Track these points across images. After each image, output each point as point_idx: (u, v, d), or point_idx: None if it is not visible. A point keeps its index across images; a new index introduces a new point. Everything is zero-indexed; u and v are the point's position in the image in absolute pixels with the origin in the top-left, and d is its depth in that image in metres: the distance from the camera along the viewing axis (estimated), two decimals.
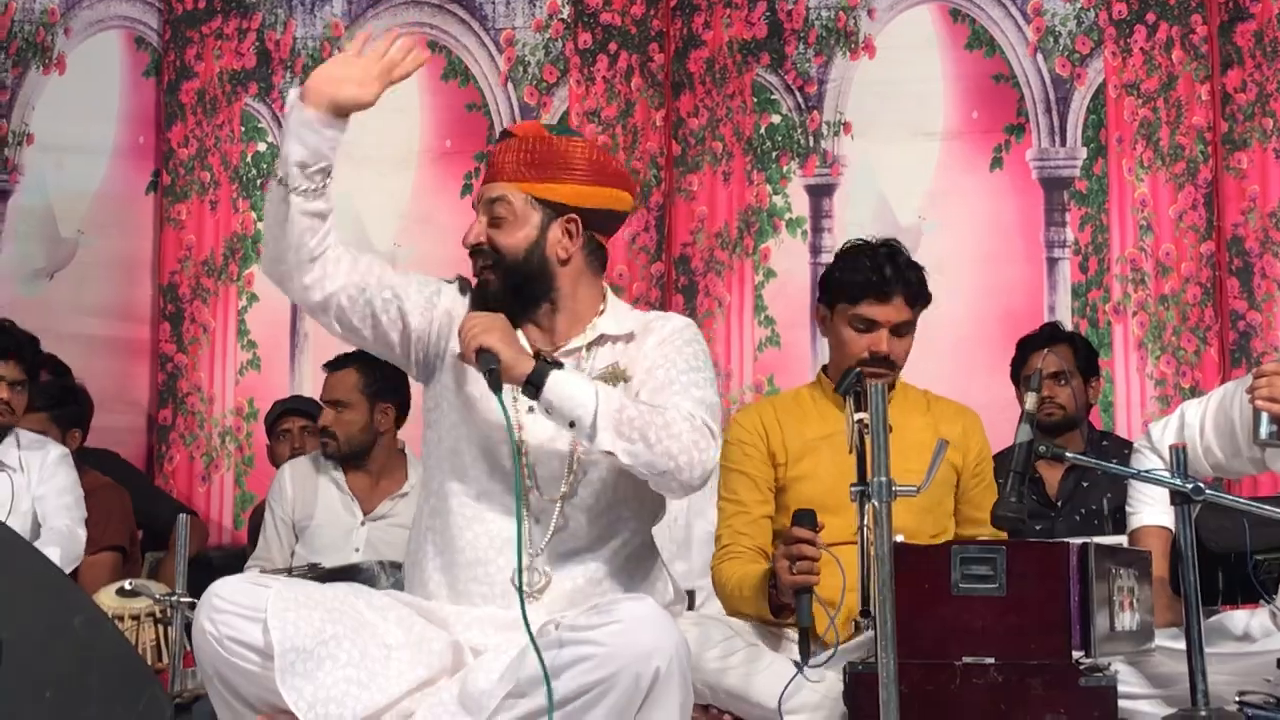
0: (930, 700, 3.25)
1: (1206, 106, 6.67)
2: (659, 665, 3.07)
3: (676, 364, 3.43)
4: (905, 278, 3.97)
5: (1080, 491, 5.52)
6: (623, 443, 3.25)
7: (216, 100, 7.42)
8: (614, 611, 3.11)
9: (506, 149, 3.49)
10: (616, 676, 3.05)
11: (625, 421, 3.25)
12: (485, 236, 3.45)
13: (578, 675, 3.06)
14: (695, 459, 3.29)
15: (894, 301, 3.97)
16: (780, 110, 7.03)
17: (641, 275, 6.99)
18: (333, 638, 3.19)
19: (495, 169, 3.49)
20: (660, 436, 3.27)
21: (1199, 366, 6.54)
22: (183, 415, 7.27)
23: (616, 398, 3.29)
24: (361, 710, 3.13)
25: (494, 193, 3.46)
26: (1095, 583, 3.28)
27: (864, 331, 3.99)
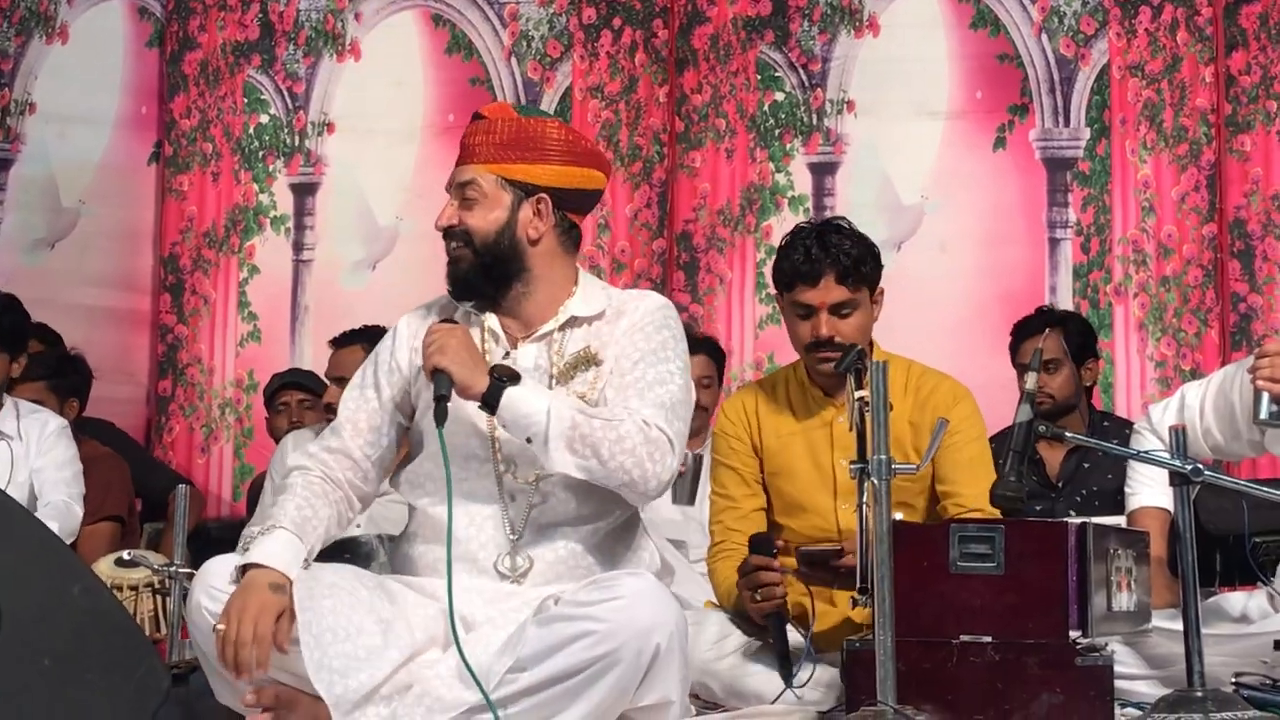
0: (927, 678, 3.25)
1: (1210, 88, 6.66)
2: (659, 641, 3.10)
3: (645, 356, 3.42)
4: (834, 256, 3.90)
5: (1081, 473, 5.52)
6: (575, 459, 3.26)
7: (219, 71, 7.40)
8: (615, 588, 3.13)
9: (476, 131, 3.49)
10: (619, 652, 3.07)
11: (578, 438, 3.26)
12: (457, 219, 3.45)
13: (579, 651, 3.07)
14: (649, 472, 3.29)
15: (823, 283, 3.90)
16: (784, 88, 7.02)
17: (643, 252, 6.98)
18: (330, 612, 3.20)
19: (466, 151, 3.49)
20: (614, 452, 3.27)
21: (1199, 348, 6.54)
22: (182, 386, 7.27)
23: (569, 413, 3.27)
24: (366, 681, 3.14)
25: (464, 175, 3.46)
26: (1093, 563, 3.28)
27: (804, 317, 3.95)
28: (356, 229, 7.28)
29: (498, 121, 3.49)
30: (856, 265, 3.93)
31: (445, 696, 3.15)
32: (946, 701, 3.24)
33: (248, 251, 7.31)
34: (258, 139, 7.38)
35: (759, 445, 4.08)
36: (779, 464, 4.04)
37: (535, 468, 3.38)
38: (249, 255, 7.31)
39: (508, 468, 3.42)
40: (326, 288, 7.26)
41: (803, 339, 3.96)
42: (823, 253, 3.90)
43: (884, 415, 3.08)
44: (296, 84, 7.39)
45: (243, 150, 7.37)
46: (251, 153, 7.37)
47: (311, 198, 7.33)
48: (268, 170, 7.36)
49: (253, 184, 7.34)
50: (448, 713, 3.13)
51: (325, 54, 7.38)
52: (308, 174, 7.34)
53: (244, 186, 7.35)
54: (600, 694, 3.10)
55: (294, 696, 3.15)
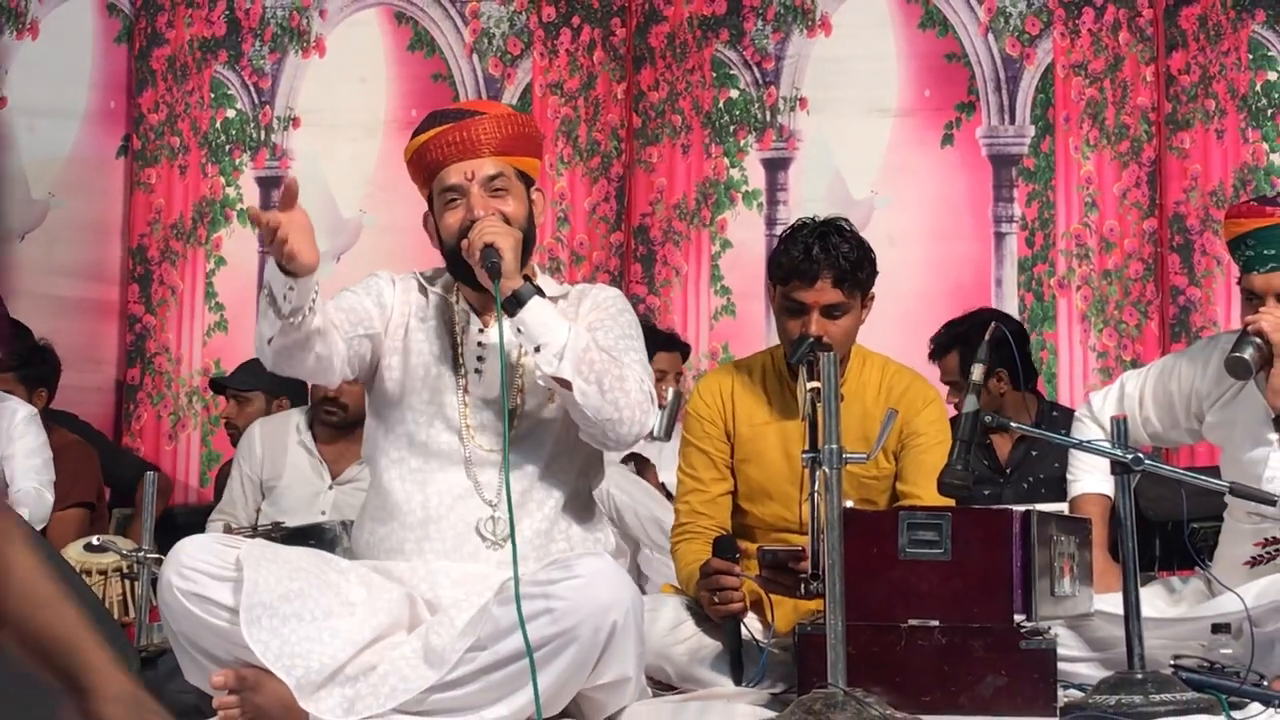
0: (876, 661, 3.26)
1: (1151, 87, 6.69)
2: (616, 619, 3.12)
3: (614, 330, 3.49)
4: (833, 260, 3.86)
5: (1029, 460, 5.55)
6: (580, 380, 3.30)
7: (187, 67, 7.36)
8: (574, 567, 3.15)
9: (480, 126, 3.49)
10: (577, 629, 3.09)
11: (587, 362, 3.31)
12: (495, 208, 3.45)
13: (539, 628, 3.09)
14: (635, 418, 3.36)
15: (819, 284, 3.86)
16: (738, 85, 7.02)
17: (601, 244, 6.98)
18: (298, 595, 3.20)
19: (474, 145, 3.48)
20: (613, 386, 3.33)
21: (1140, 340, 6.57)
22: (150, 375, 7.24)
23: (586, 338, 3.35)
24: (328, 662, 3.14)
25: (489, 167, 3.47)
26: (1038, 549, 3.30)
27: (795, 314, 3.93)
28: (321, 222, 7.19)
29: (503, 117, 3.55)
30: (854, 270, 3.89)
31: (409, 676, 3.16)
32: (895, 684, 3.25)
33: (215, 243, 7.28)
34: (224, 133, 7.35)
35: (731, 431, 4.06)
36: (749, 451, 4.03)
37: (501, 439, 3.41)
38: (216, 247, 7.28)
39: (475, 438, 3.44)
40: None
41: (790, 334, 3.92)
42: (823, 253, 3.86)
43: (835, 405, 3.08)
44: (262, 79, 7.35)
45: (210, 144, 7.34)
46: (218, 146, 7.34)
47: (277, 190, 7.27)
48: (234, 164, 7.33)
49: (219, 177, 7.31)
50: (410, 693, 3.14)
51: (291, 50, 7.34)
52: (273, 167, 7.31)
53: (211, 180, 7.31)
54: (558, 670, 3.11)
55: (260, 678, 3.14)
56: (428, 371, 3.50)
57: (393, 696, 3.14)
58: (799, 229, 3.96)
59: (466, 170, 3.46)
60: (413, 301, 3.58)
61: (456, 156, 3.48)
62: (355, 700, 3.15)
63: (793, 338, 3.88)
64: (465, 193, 3.45)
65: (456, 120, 3.52)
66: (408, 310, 3.56)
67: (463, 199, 3.46)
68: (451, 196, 3.47)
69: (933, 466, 3.80)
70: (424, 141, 3.51)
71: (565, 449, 3.51)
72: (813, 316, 3.87)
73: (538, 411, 3.48)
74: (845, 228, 3.96)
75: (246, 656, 3.15)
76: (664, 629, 3.80)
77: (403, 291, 3.58)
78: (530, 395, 3.48)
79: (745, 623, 3.74)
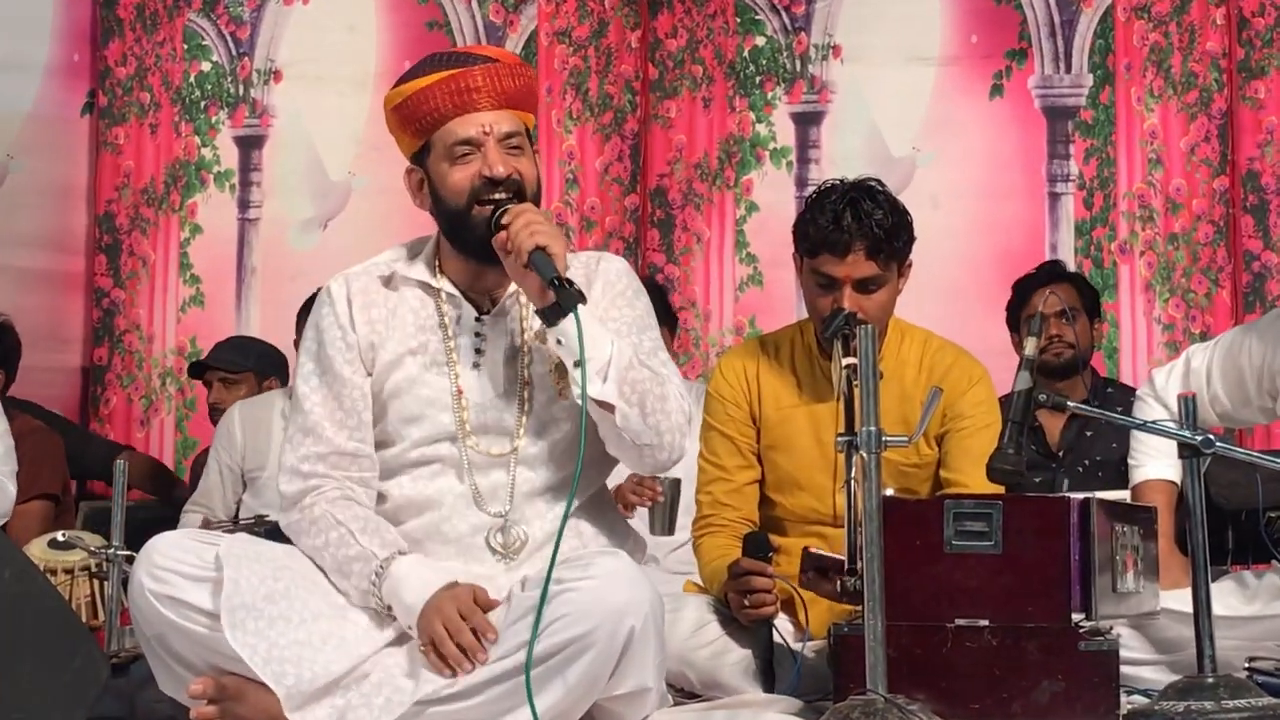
0: (920, 664, 3.26)
1: (1222, 31, 6.67)
2: (634, 624, 3.11)
3: (635, 323, 3.47)
4: (866, 228, 3.83)
5: (1084, 441, 5.55)
6: (621, 401, 3.28)
7: (157, 15, 7.37)
8: (589, 568, 3.14)
9: (495, 73, 3.44)
10: (592, 634, 3.09)
11: (629, 381, 3.29)
12: (513, 167, 3.40)
13: (552, 633, 3.09)
14: (675, 443, 3.37)
15: (851, 256, 3.84)
16: (765, 31, 7.01)
17: (614, 208, 6.98)
18: (284, 595, 3.20)
19: (488, 94, 3.43)
20: (655, 408, 3.32)
21: (1210, 310, 6.56)
22: (120, 355, 7.26)
23: (629, 353, 3.32)
24: (321, 673, 3.14)
25: (509, 123, 3.42)
26: (1097, 541, 3.29)
27: (825, 288, 3.91)
28: (306, 185, 7.27)
29: (515, 66, 3.50)
30: (889, 239, 3.87)
31: (404, 687, 3.16)
32: (941, 689, 3.25)
33: (189, 209, 7.29)
34: (199, 88, 7.35)
35: (757, 414, 4.06)
36: (777, 436, 4.03)
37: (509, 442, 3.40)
38: (191, 213, 7.29)
39: (473, 438, 3.42)
40: (274, 248, 7.24)
41: (821, 310, 3.91)
42: (855, 222, 3.83)
43: (873, 383, 3.07)
44: (240, 29, 7.36)
45: (183, 100, 7.34)
46: (193, 103, 7.35)
47: (258, 151, 7.31)
48: (210, 122, 7.34)
49: (194, 137, 7.32)
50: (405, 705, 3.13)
51: None
52: (253, 126, 7.31)
53: (185, 139, 7.32)
54: (573, 679, 3.11)
55: (242, 687, 3.15)
56: (419, 377, 3.45)
57: (387, 709, 3.14)
58: (826, 194, 3.94)
59: (484, 123, 3.40)
60: (382, 306, 3.49)
61: (467, 106, 3.41)
62: (346, 711, 3.15)
63: (823, 314, 3.87)
64: (479, 146, 3.40)
65: (464, 65, 3.46)
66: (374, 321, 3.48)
67: (476, 153, 3.40)
68: (464, 150, 3.40)
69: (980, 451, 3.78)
70: (424, 87, 3.43)
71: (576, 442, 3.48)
72: (845, 291, 3.86)
73: (548, 406, 3.45)
74: (878, 190, 3.94)
75: (226, 664, 3.16)
76: (686, 631, 3.80)
77: (362, 301, 3.49)
78: (539, 389, 3.45)
79: (777, 626, 3.75)
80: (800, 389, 4.03)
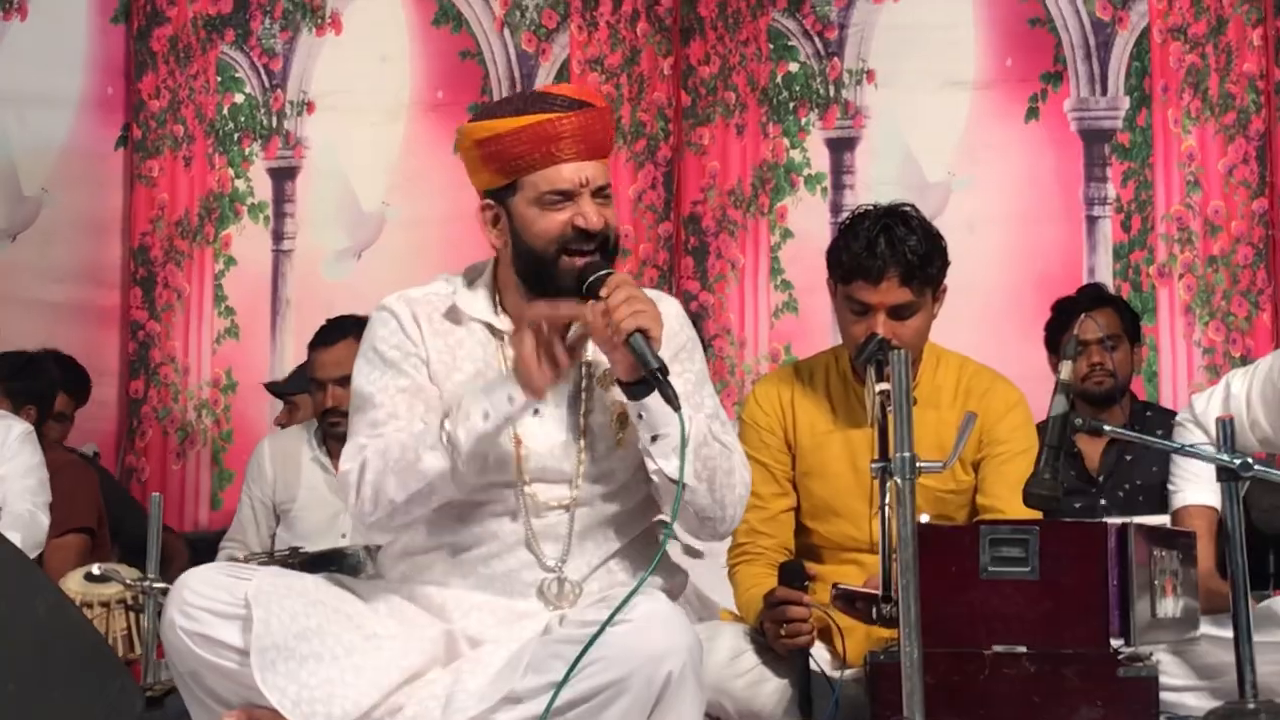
0: (958, 691, 3.26)
1: (1259, 52, 6.65)
2: (671, 669, 3.07)
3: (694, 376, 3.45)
4: (899, 255, 3.83)
5: (1123, 466, 5.53)
6: (693, 479, 3.27)
7: (190, 48, 7.41)
8: (627, 610, 3.12)
9: (590, 122, 3.41)
10: (628, 680, 3.05)
11: (702, 458, 3.29)
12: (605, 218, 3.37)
13: (586, 677, 3.06)
14: (737, 515, 3.40)
15: (885, 283, 3.84)
16: (798, 57, 7.02)
17: (648, 236, 6.99)
18: (316, 632, 3.20)
19: (593, 146, 3.41)
20: (723, 484, 3.33)
21: (1250, 333, 6.54)
22: (155, 387, 7.28)
23: (704, 430, 3.31)
24: (351, 709, 3.14)
25: (601, 176, 3.41)
26: (1136, 566, 3.28)
27: (859, 314, 3.91)
28: (340, 216, 7.29)
29: (604, 113, 3.46)
30: (923, 265, 3.87)
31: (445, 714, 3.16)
32: (979, 716, 3.25)
33: (223, 241, 7.32)
34: (232, 120, 7.39)
35: (793, 441, 4.06)
36: (812, 464, 4.03)
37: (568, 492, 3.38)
38: (225, 245, 7.32)
39: (532, 484, 3.39)
40: (308, 279, 7.26)
41: (855, 337, 3.91)
42: (889, 249, 3.83)
43: (907, 408, 3.07)
44: (273, 60, 7.39)
45: (216, 132, 7.38)
46: (226, 135, 7.38)
47: (291, 182, 7.34)
48: (244, 154, 7.37)
49: (228, 169, 7.35)
50: None
51: (304, 27, 7.38)
52: (286, 157, 7.34)
53: (218, 171, 7.35)
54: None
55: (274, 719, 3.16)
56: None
57: None
58: (859, 220, 3.94)
59: (583, 176, 3.37)
60: (442, 334, 3.46)
61: (561, 155, 3.37)
62: None
63: (857, 341, 3.87)
64: (574, 197, 3.36)
65: (560, 110, 3.40)
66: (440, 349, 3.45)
67: (569, 202, 3.36)
68: (557, 200, 3.36)
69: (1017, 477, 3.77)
70: (517, 129, 3.37)
71: (631, 486, 3.46)
72: (879, 318, 3.85)
73: (607, 455, 3.41)
74: (912, 215, 3.94)
75: (258, 699, 3.16)
76: (722, 660, 3.79)
77: (429, 328, 3.45)
78: (599, 438, 3.41)
79: (814, 655, 3.74)
80: (835, 415, 4.03)
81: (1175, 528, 4.01)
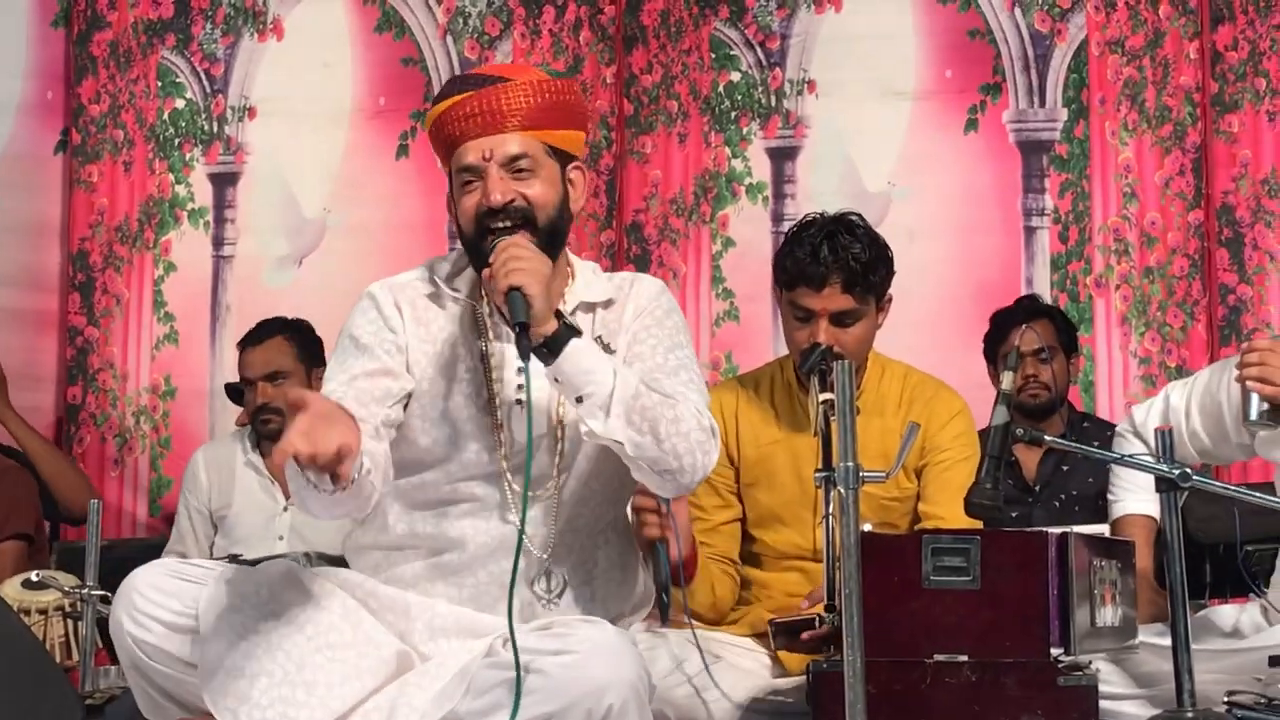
0: (899, 700, 3.26)
1: (1195, 65, 6.69)
2: (612, 702, 3.05)
3: (663, 341, 3.41)
4: (842, 261, 3.88)
5: (1060, 475, 5.56)
6: (631, 431, 3.21)
7: (131, 53, 7.36)
8: (568, 639, 3.10)
9: (505, 94, 3.37)
10: (567, 712, 3.04)
11: (638, 410, 3.21)
12: (514, 193, 3.34)
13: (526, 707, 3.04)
14: (699, 462, 3.28)
15: (828, 289, 3.89)
16: (740, 67, 7.03)
17: (590, 244, 6.97)
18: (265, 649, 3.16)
19: (498, 117, 3.36)
20: (670, 432, 3.23)
21: (1186, 344, 6.57)
22: (93, 393, 7.23)
23: (634, 381, 3.24)
24: None
25: (512, 145, 3.35)
26: (1075, 575, 3.30)
27: (802, 321, 3.94)
28: (281, 222, 7.25)
29: (532, 83, 3.40)
30: (866, 273, 3.90)
31: None
32: None
33: (163, 247, 7.27)
34: (173, 125, 7.34)
35: (736, 454, 4.08)
36: (758, 474, 4.04)
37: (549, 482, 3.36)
38: (165, 251, 7.27)
39: (515, 476, 3.36)
40: (249, 286, 7.22)
41: (798, 343, 3.93)
42: (831, 256, 3.87)
43: (851, 418, 3.08)
44: (214, 66, 7.35)
45: (157, 137, 7.33)
46: (166, 140, 7.33)
47: (232, 188, 7.30)
48: (184, 159, 7.32)
49: (168, 174, 7.30)
50: None
51: (245, 33, 7.34)
52: (228, 163, 7.30)
53: (159, 177, 7.30)
54: None
55: None
56: (458, 413, 3.39)
57: None
58: (805, 227, 3.97)
59: (485, 148, 3.35)
60: (425, 321, 3.44)
61: (476, 131, 3.36)
62: None
63: (801, 348, 3.89)
64: (482, 174, 3.35)
65: (477, 88, 3.40)
66: (422, 337, 3.43)
67: (479, 181, 3.35)
68: (468, 178, 3.37)
69: (958, 485, 3.80)
70: (440, 112, 3.40)
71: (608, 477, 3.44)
72: (821, 324, 3.88)
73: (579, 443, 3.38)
74: (858, 224, 3.96)
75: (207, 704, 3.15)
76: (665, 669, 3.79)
77: (411, 314, 3.44)
78: (571, 428, 3.38)
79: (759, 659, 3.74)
80: (780, 424, 4.05)
81: (1114, 537, 4.03)
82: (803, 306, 3.91)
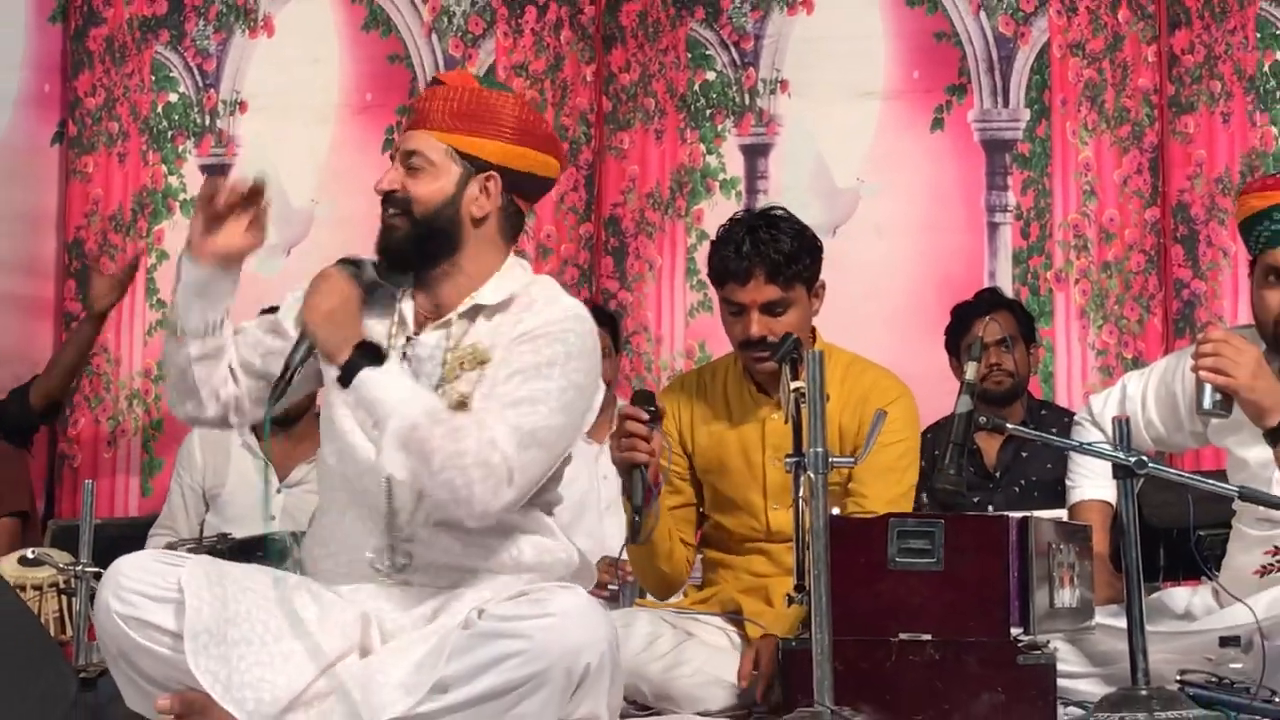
0: (866, 677, 3.27)
1: (1153, 68, 6.71)
2: (590, 661, 3.09)
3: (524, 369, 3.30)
4: (764, 255, 3.89)
5: (1019, 462, 5.57)
6: (405, 458, 3.19)
7: (126, 48, 7.34)
8: (547, 604, 3.11)
9: (433, 97, 3.48)
10: (548, 672, 3.07)
11: (414, 440, 3.18)
12: (400, 184, 3.42)
13: (507, 670, 3.06)
14: (475, 496, 3.18)
15: (753, 281, 3.91)
16: (715, 66, 7.03)
17: (570, 236, 6.97)
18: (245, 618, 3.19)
19: (419, 116, 3.47)
20: (445, 464, 3.16)
21: (1142, 336, 6.59)
22: (88, 377, 7.20)
23: (415, 413, 3.20)
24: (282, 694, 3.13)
25: (412, 142, 3.44)
26: (1035, 558, 3.31)
27: (735, 314, 3.97)
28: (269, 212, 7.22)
29: (456, 89, 3.46)
30: (789, 263, 3.92)
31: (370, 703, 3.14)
32: (885, 701, 3.26)
33: (156, 236, 7.25)
34: (166, 118, 7.32)
35: (689, 442, 4.09)
36: (710, 460, 4.06)
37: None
38: (158, 240, 7.25)
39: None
40: None
41: (734, 336, 3.98)
42: (753, 249, 3.90)
43: (820, 406, 3.09)
44: (207, 61, 7.33)
45: (151, 130, 7.31)
46: (160, 133, 7.31)
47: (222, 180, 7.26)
48: (177, 151, 7.30)
49: (161, 165, 7.28)
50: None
51: (237, 30, 7.32)
52: (219, 155, 7.29)
53: (152, 168, 7.28)
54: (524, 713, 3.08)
55: (208, 702, 3.14)
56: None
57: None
58: (732, 226, 4.01)
59: (401, 142, 3.48)
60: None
61: (408, 125, 3.49)
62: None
63: (737, 340, 3.95)
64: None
65: (428, 88, 3.55)
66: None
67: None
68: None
69: (884, 466, 3.85)
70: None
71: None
72: (753, 316, 3.91)
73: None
74: (780, 217, 3.99)
75: (191, 681, 3.14)
76: (639, 645, 3.81)
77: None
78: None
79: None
80: (730, 413, 4.07)
81: (1072, 521, 4.04)
82: (734, 301, 3.96)
